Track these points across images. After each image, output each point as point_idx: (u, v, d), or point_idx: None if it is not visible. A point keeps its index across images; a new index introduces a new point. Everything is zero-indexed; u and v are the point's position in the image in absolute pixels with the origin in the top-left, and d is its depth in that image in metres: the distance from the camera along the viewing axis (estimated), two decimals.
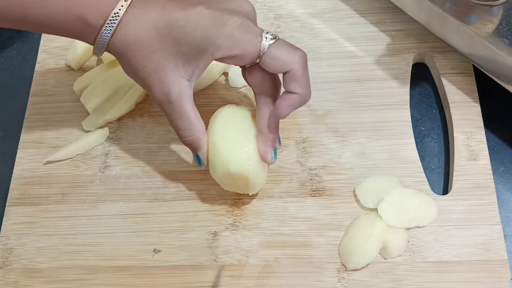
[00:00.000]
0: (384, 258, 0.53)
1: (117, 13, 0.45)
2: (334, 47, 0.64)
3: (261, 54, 0.46)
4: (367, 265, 0.53)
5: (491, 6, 0.54)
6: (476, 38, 0.53)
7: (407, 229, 0.54)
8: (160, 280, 0.54)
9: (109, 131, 0.61)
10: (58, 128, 0.62)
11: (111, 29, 0.46)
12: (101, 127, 0.61)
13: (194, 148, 0.52)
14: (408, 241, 0.53)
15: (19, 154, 0.61)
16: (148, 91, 0.49)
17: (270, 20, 0.66)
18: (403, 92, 0.61)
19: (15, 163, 0.61)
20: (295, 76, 0.47)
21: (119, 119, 0.62)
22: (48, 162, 0.60)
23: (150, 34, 0.46)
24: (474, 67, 0.60)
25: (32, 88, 0.65)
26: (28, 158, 0.61)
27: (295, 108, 0.49)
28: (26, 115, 0.63)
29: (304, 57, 0.48)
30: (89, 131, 0.61)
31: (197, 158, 0.53)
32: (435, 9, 0.55)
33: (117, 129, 0.62)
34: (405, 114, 0.59)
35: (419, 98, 0.62)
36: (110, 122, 0.62)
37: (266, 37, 0.46)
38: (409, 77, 0.61)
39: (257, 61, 0.47)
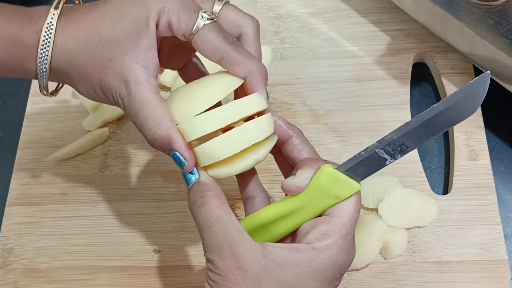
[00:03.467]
0: (384, 258, 0.53)
1: (50, 22, 0.42)
2: (334, 47, 0.64)
3: (194, 32, 0.41)
4: (367, 265, 0.53)
5: (491, 6, 0.54)
6: (476, 38, 0.53)
7: (407, 229, 0.54)
8: (160, 280, 0.54)
9: (109, 131, 0.61)
10: (58, 128, 0.62)
11: (48, 43, 0.42)
12: (101, 127, 0.61)
13: (166, 142, 0.41)
14: (408, 241, 0.53)
15: (19, 154, 0.61)
16: (110, 95, 0.42)
17: (270, 20, 0.66)
18: (403, 92, 0.61)
19: (15, 163, 0.61)
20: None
21: (119, 119, 0.62)
22: (48, 162, 0.60)
23: (84, 32, 0.42)
24: (474, 67, 0.60)
25: (32, 88, 0.65)
26: (28, 158, 0.61)
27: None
28: (26, 115, 0.63)
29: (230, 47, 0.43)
30: (89, 131, 0.61)
31: (175, 156, 0.41)
32: (435, 9, 0.55)
33: (117, 129, 0.62)
34: (405, 114, 0.59)
35: (419, 98, 0.62)
36: (110, 122, 0.62)
37: (203, 16, 0.42)
38: (409, 77, 0.61)
39: (190, 38, 0.42)
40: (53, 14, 0.42)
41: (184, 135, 0.40)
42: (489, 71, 0.38)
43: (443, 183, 0.58)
